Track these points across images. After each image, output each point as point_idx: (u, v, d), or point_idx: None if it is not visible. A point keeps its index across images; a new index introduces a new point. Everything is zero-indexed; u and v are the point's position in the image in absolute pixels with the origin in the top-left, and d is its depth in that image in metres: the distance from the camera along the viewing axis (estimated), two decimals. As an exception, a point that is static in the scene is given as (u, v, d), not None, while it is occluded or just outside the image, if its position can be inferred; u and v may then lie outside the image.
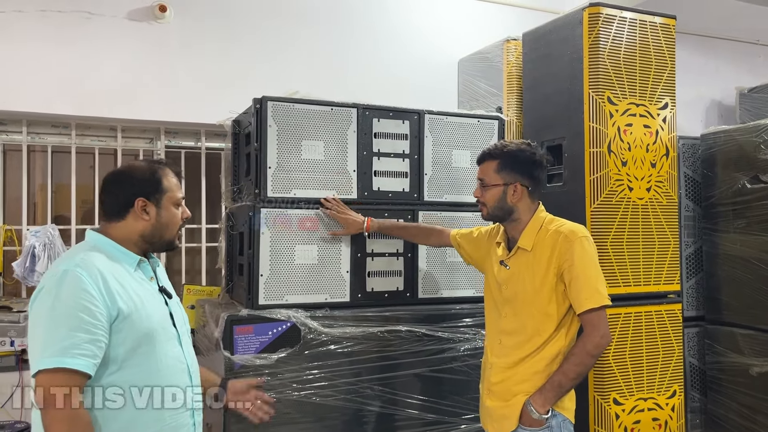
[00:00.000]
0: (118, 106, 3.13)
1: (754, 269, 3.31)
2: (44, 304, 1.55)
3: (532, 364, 2.08)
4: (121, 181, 1.75)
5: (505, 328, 2.16)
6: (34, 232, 2.97)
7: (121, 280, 1.65)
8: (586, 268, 2.03)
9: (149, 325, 1.66)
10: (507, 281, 2.16)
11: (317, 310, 2.48)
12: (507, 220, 2.18)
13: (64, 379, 1.48)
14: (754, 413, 3.31)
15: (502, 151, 2.15)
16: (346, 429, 2.49)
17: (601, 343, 2.01)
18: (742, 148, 3.38)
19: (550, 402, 2.02)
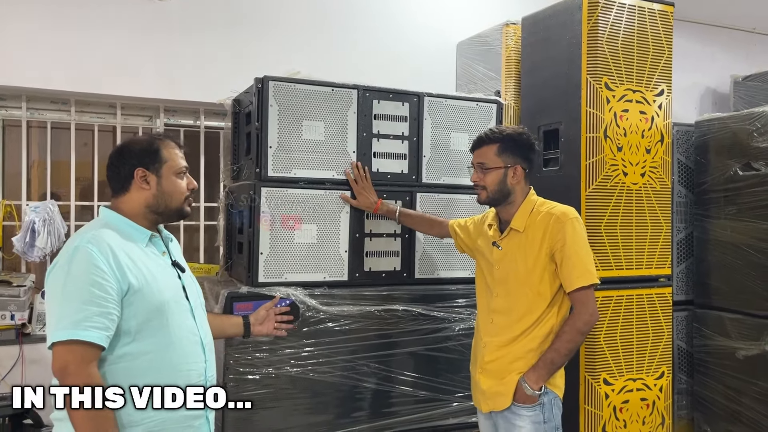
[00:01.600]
0: (117, 83, 3.13)
1: (743, 255, 3.38)
2: (57, 279, 1.60)
3: (525, 342, 2.15)
4: (121, 154, 1.80)
5: (496, 307, 2.23)
6: (33, 207, 2.98)
7: (132, 256, 1.69)
8: (578, 248, 2.11)
9: (161, 299, 1.70)
10: (499, 261, 2.23)
11: (316, 289, 2.51)
12: (503, 203, 2.24)
13: (78, 351, 1.54)
14: (740, 395, 3.39)
15: (502, 135, 2.22)
16: (343, 405, 2.54)
17: (590, 321, 2.10)
18: (735, 135, 3.43)
19: (544, 379, 2.10)
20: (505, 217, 2.27)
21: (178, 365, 1.72)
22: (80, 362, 1.54)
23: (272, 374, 2.41)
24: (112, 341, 1.61)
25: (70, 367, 1.53)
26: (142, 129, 3.44)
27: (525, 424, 2.12)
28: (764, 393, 3.25)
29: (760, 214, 3.29)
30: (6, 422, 2.28)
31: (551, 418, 2.14)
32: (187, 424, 1.72)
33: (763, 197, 3.27)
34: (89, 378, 1.54)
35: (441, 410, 2.68)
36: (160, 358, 1.68)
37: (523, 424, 2.12)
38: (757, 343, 3.28)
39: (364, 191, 2.58)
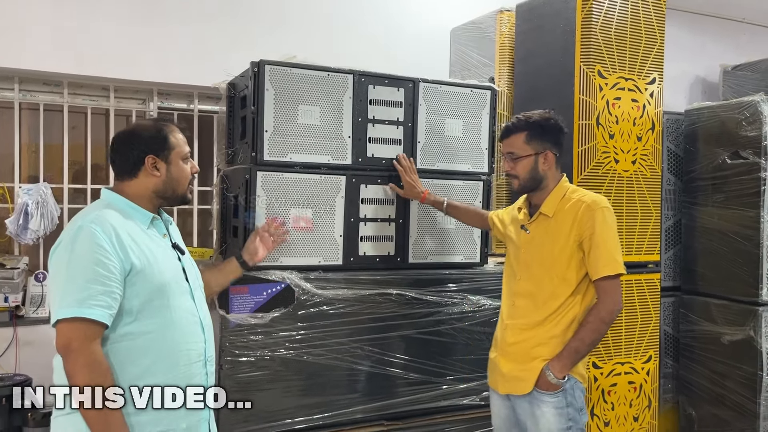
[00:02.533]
0: (110, 65, 3.12)
1: (729, 242, 3.44)
2: (61, 258, 1.63)
3: (549, 328, 2.17)
4: (129, 140, 1.81)
5: (519, 290, 2.26)
6: (26, 190, 2.97)
7: (134, 236, 1.71)
8: (606, 238, 2.12)
9: (162, 279, 1.73)
10: (526, 245, 2.26)
11: (311, 273, 2.53)
12: (536, 190, 2.26)
13: (82, 328, 1.56)
14: (724, 379, 3.47)
15: (528, 122, 2.23)
16: (336, 387, 2.57)
17: (614, 310, 2.11)
18: (724, 124, 3.48)
19: (568, 368, 2.13)
20: (535, 202, 2.29)
21: (179, 344, 1.75)
22: (84, 339, 1.56)
23: (267, 356, 2.44)
24: (115, 320, 1.63)
25: (74, 344, 1.56)
26: (136, 112, 3.43)
27: (548, 410, 2.15)
28: (748, 377, 3.33)
29: (746, 201, 3.35)
30: (2, 402, 2.29)
31: (573, 402, 2.16)
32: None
33: (750, 185, 3.33)
34: (92, 355, 1.57)
35: (433, 393, 2.72)
36: (161, 337, 1.71)
37: (546, 410, 2.15)
38: (742, 328, 3.35)
39: (412, 182, 2.62)
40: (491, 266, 2.95)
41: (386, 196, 2.71)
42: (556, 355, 2.14)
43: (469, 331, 2.79)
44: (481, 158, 2.90)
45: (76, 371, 1.56)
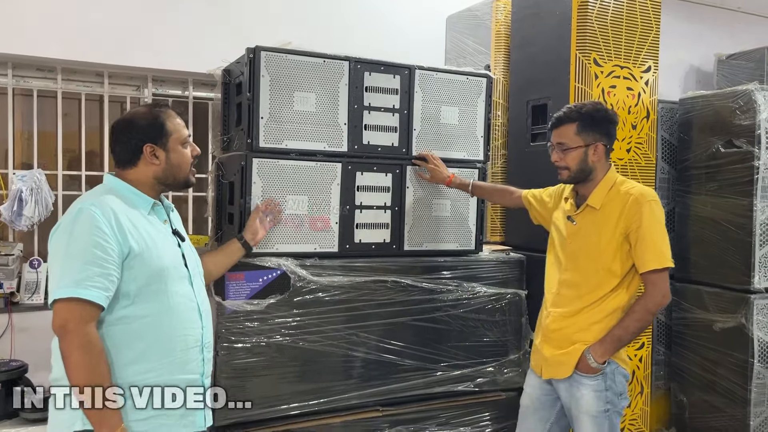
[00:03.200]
0: (105, 51, 3.10)
1: (722, 230, 3.46)
2: (61, 240, 1.64)
3: (591, 315, 2.20)
4: (127, 129, 1.82)
5: (565, 280, 2.28)
6: (20, 176, 2.96)
7: (134, 221, 1.72)
8: (653, 231, 2.13)
9: (160, 264, 1.73)
10: (572, 236, 2.28)
11: (307, 260, 2.55)
12: (584, 181, 2.26)
13: (78, 309, 1.58)
14: (715, 366, 3.50)
15: (580, 113, 2.22)
16: (332, 373, 2.59)
17: (662, 302, 2.15)
18: (718, 113, 3.48)
19: (609, 353, 2.17)
20: (582, 193, 2.30)
21: (176, 330, 1.76)
22: (79, 320, 1.57)
23: (263, 343, 2.45)
24: (112, 303, 1.64)
25: (70, 325, 1.57)
26: (130, 99, 3.41)
27: (587, 392, 2.20)
28: (739, 364, 3.36)
29: (739, 190, 3.36)
30: (-1, 387, 2.31)
31: (613, 386, 2.20)
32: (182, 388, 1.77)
33: (743, 174, 3.34)
34: (87, 336, 1.58)
35: (427, 379, 2.75)
36: (158, 322, 1.72)
37: (586, 392, 2.20)
38: (734, 315, 3.38)
39: (437, 167, 2.67)
40: (486, 254, 2.98)
41: (382, 183, 2.72)
42: (598, 340, 2.17)
43: (463, 318, 2.82)
44: (477, 146, 2.90)
45: (71, 351, 1.57)
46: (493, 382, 2.90)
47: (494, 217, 3.47)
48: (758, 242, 3.32)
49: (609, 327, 2.18)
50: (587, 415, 2.21)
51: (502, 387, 2.93)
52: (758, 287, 3.33)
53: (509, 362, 2.93)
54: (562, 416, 2.37)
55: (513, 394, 2.95)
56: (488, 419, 2.89)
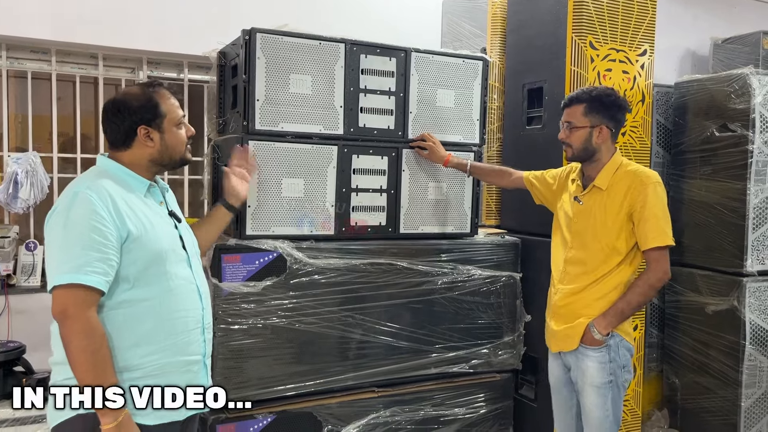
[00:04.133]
0: (99, 33, 3.08)
1: (716, 214, 3.48)
2: (58, 224, 1.63)
3: (595, 290, 2.32)
4: (119, 110, 1.77)
5: (571, 258, 2.38)
6: (15, 159, 2.95)
7: (131, 204, 1.71)
8: (656, 211, 2.24)
9: (159, 247, 1.73)
10: (578, 216, 2.37)
11: (303, 242, 2.56)
12: (588, 161, 2.36)
13: (79, 294, 1.57)
14: (707, 348, 3.54)
15: (590, 95, 2.32)
16: (328, 355, 2.61)
17: (663, 279, 2.26)
18: (713, 97, 3.49)
19: (612, 326, 2.28)
20: (589, 174, 2.39)
21: (177, 312, 1.76)
22: (80, 305, 1.57)
23: (260, 324, 2.46)
24: (112, 287, 1.64)
25: (70, 310, 1.56)
26: (125, 81, 3.39)
27: (592, 364, 2.31)
28: (731, 346, 3.40)
29: (733, 174, 3.38)
30: (-3, 369, 2.32)
31: (616, 359, 2.31)
32: (186, 368, 1.77)
33: (737, 158, 3.36)
34: (88, 321, 1.58)
35: (423, 360, 2.78)
36: (158, 305, 1.71)
37: (591, 364, 2.31)
38: (726, 298, 3.41)
39: (434, 148, 2.71)
40: (481, 237, 2.99)
41: (378, 166, 2.73)
42: (602, 313, 2.28)
43: (458, 301, 2.84)
44: (473, 129, 2.91)
45: (72, 337, 1.57)
46: (487, 363, 2.93)
47: (490, 201, 3.48)
48: (751, 226, 3.34)
49: (612, 301, 2.28)
50: (591, 386, 2.31)
51: (496, 369, 2.97)
52: (751, 270, 3.36)
53: (504, 344, 2.96)
54: None
55: (507, 375, 3.00)
56: (483, 400, 2.93)
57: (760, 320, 3.38)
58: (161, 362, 1.72)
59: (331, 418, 2.61)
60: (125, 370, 1.66)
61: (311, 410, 2.57)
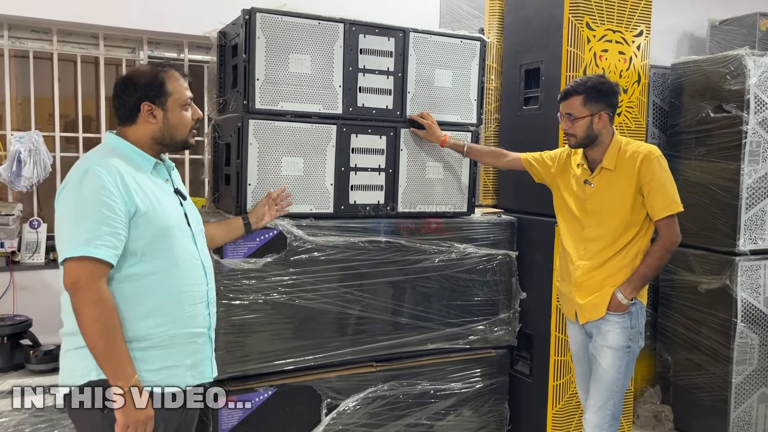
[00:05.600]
0: (100, 12, 3.10)
1: (710, 194, 3.53)
2: (69, 199, 1.68)
3: (617, 261, 2.48)
4: (127, 86, 1.83)
5: (589, 236, 2.53)
6: (18, 137, 2.98)
7: (138, 180, 1.76)
8: (663, 182, 2.42)
9: (165, 223, 1.78)
10: (591, 197, 2.51)
11: (302, 220, 2.61)
12: (591, 145, 2.50)
13: (89, 267, 1.63)
14: (699, 325, 3.61)
15: (586, 86, 2.45)
16: (328, 330, 2.67)
17: (676, 242, 2.45)
18: (708, 78, 3.53)
19: (637, 290, 2.46)
20: (593, 157, 2.53)
21: (183, 286, 1.81)
22: (91, 277, 1.62)
23: (260, 300, 2.52)
24: (120, 261, 1.69)
25: (81, 282, 1.62)
26: (126, 61, 3.42)
27: (614, 329, 2.47)
28: (722, 323, 3.47)
29: (727, 154, 3.43)
30: (5, 341, 2.37)
31: (636, 325, 2.49)
32: (192, 340, 1.83)
33: (731, 138, 3.40)
34: (98, 292, 1.63)
35: (420, 336, 2.84)
36: (165, 279, 1.77)
37: (613, 329, 2.47)
38: (719, 277, 3.47)
39: (432, 127, 2.78)
40: (478, 216, 3.04)
41: (376, 145, 2.77)
42: (626, 279, 2.45)
43: (455, 278, 2.90)
44: (470, 109, 2.95)
45: (84, 308, 1.62)
46: (483, 339, 2.99)
47: (487, 181, 3.52)
48: (744, 206, 3.39)
49: (634, 268, 2.45)
50: (610, 348, 2.47)
51: (492, 345, 3.03)
52: (743, 249, 3.42)
53: (499, 321, 3.02)
54: None
55: (503, 351, 3.06)
56: (479, 375, 3.00)
57: (751, 298, 3.45)
58: (168, 333, 1.77)
59: (330, 392, 2.67)
60: (134, 340, 1.72)
61: (311, 384, 2.64)
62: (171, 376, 1.79)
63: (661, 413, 3.76)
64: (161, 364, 1.76)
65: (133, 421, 1.68)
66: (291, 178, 2.60)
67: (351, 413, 2.70)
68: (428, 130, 2.79)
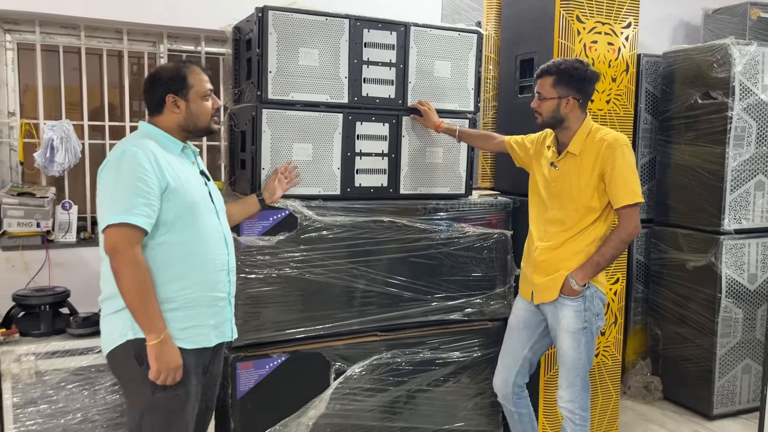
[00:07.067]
0: (124, 9, 3.31)
1: (697, 176, 3.71)
2: (109, 176, 1.92)
3: (573, 245, 2.53)
4: (153, 81, 2.08)
5: (551, 218, 2.58)
6: (50, 126, 3.21)
7: (169, 161, 2.00)
8: (624, 171, 2.43)
9: (192, 198, 2.01)
10: (556, 180, 2.57)
11: (312, 201, 2.78)
12: (558, 128, 2.55)
13: (127, 233, 1.86)
14: (687, 301, 3.81)
15: (558, 68, 2.49)
16: (335, 302, 2.85)
17: (633, 233, 2.46)
18: (697, 66, 3.69)
19: (588, 277, 2.49)
20: (562, 140, 2.58)
21: (206, 255, 2.04)
22: (128, 242, 1.85)
23: (274, 275, 2.70)
24: (153, 230, 1.92)
25: (120, 246, 1.85)
26: (147, 54, 3.64)
27: (568, 312, 2.53)
28: (708, 299, 3.67)
29: (714, 139, 3.61)
30: (47, 309, 2.62)
31: (591, 307, 2.53)
32: (213, 303, 2.07)
33: (717, 124, 3.58)
34: (134, 256, 1.86)
35: (421, 308, 3.01)
36: (191, 248, 2.00)
37: (567, 312, 2.54)
38: (705, 255, 3.66)
39: (428, 113, 2.92)
40: (475, 197, 3.21)
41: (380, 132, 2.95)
42: (579, 266, 2.49)
43: (454, 255, 3.07)
44: (468, 97, 3.13)
45: (123, 269, 1.86)
46: (480, 312, 3.16)
47: (485, 165, 3.72)
48: (729, 187, 3.57)
49: (589, 254, 2.49)
50: (567, 331, 2.54)
51: (489, 317, 3.19)
52: (728, 229, 3.60)
53: (495, 295, 3.20)
54: (545, 336, 2.70)
55: (499, 323, 3.20)
56: (476, 345, 3.17)
57: (735, 275, 3.64)
58: (193, 296, 2.00)
59: (338, 358, 2.87)
60: (164, 302, 1.95)
61: (320, 351, 2.82)
62: (196, 335, 2.02)
63: (650, 384, 3.96)
64: (187, 324, 1.99)
65: (165, 368, 1.91)
66: (301, 163, 2.79)
67: (357, 378, 2.89)
68: (425, 116, 2.94)
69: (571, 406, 2.59)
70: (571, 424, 2.61)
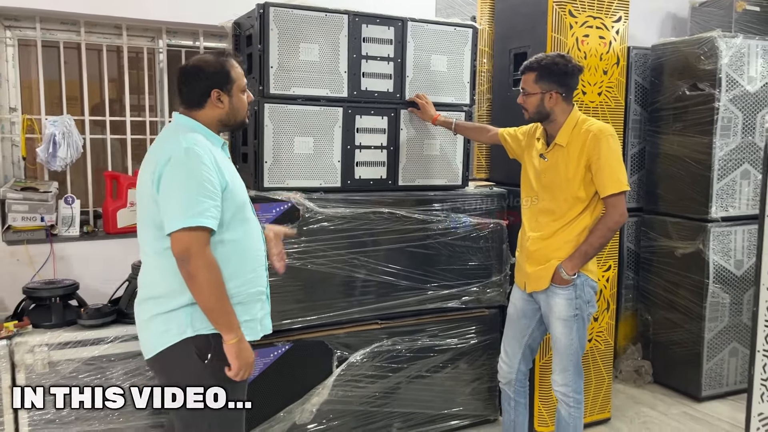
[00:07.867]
0: (123, 5, 3.34)
1: (686, 166, 3.82)
2: (177, 174, 1.86)
3: (564, 235, 2.59)
4: (196, 74, 2.00)
5: (542, 208, 2.66)
6: (52, 121, 3.24)
7: (219, 159, 1.96)
8: (611, 161, 2.49)
9: (242, 197, 2.01)
10: (545, 171, 2.64)
11: (313, 193, 2.86)
12: (545, 121, 2.62)
13: (200, 235, 1.84)
14: (676, 287, 3.92)
15: (540, 64, 2.55)
16: (337, 291, 2.94)
17: (619, 221, 2.52)
18: (685, 58, 3.79)
19: (578, 266, 2.56)
20: (550, 132, 2.64)
21: (253, 251, 2.05)
22: (201, 244, 1.82)
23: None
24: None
25: (193, 249, 1.81)
26: (147, 50, 3.67)
27: (560, 300, 2.60)
28: (696, 284, 3.78)
29: (701, 129, 3.71)
30: (57, 301, 2.67)
31: (582, 295, 2.60)
32: (259, 297, 2.08)
33: (705, 115, 3.68)
34: (209, 257, 1.84)
35: (420, 297, 3.11)
36: (243, 245, 2.00)
37: (559, 300, 2.61)
38: (693, 242, 3.77)
39: (425, 107, 3.00)
40: (472, 188, 3.31)
41: (378, 125, 3.03)
42: (568, 256, 2.55)
43: (451, 245, 3.17)
44: (464, 90, 3.21)
45: (199, 271, 1.82)
46: (477, 300, 3.26)
47: (480, 157, 3.80)
48: (716, 176, 3.68)
49: (579, 244, 2.57)
50: (559, 319, 2.62)
51: (485, 305, 3.30)
52: (715, 217, 3.71)
53: (492, 283, 3.30)
54: (542, 323, 2.79)
55: (495, 310, 3.32)
56: (473, 332, 3.28)
57: (722, 261, 3.75)
58: (247, 292, 2.00)
59: (340, 346, 2.96)
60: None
61: (323, 339, 2.92)
62: (249, 329, 2.01)
63: (641, 368, 4.08)
64: (242, 319, 1.98)
65: (245, 364, 1.92)
66: (302, 156, 2.86)
67: (359, 365, 2.98)
68: (422, 109, 3.02)
69: (565, 389, 2.69)
70: (565, 406, 2.70)
